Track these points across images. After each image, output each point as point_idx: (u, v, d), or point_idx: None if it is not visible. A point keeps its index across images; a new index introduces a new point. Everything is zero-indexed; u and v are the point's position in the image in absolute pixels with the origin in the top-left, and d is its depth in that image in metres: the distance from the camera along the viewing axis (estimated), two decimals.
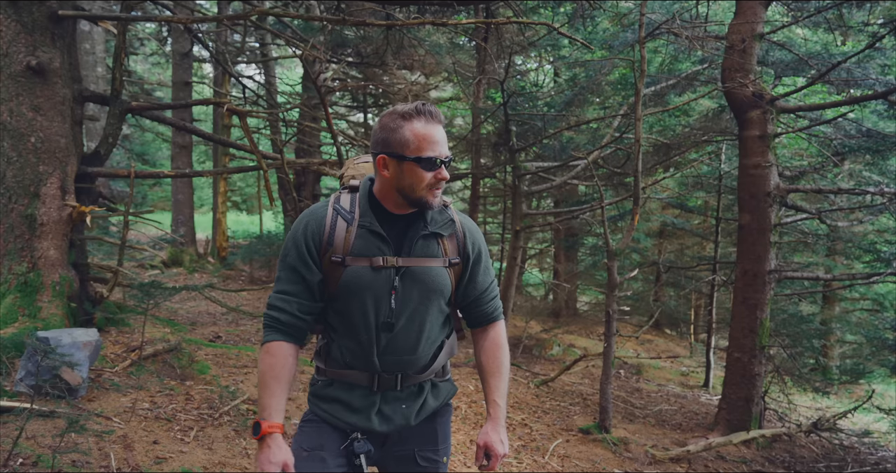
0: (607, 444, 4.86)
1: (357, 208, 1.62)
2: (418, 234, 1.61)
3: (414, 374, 1.67)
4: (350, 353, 1.63)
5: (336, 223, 1.60)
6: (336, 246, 1.58)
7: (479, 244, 1.73)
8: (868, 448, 6.05)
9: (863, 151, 6.14)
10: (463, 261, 1.70)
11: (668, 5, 6.84)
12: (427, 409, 1.72)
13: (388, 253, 1.58)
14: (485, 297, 1.76)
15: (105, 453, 3.00)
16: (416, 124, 1.52)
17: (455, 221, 1.69)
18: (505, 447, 1.71)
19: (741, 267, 5.64)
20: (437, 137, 1.54)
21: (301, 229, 1.61)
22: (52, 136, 4.31)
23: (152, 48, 15.10)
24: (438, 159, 1.53)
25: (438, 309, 1.67)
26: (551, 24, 4.61)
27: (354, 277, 1.57)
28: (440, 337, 1.72)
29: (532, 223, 9.11)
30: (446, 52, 8.44)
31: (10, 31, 4.19)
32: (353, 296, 1.58)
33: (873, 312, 10.14)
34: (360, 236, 1.58)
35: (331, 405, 1.67)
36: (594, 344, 9.63)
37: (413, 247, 1.60)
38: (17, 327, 4.00)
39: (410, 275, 1.59)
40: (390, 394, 1.66)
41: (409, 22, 4.83)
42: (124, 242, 4.68)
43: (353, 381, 1.65)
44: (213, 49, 9.20)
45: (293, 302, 1.60)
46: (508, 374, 1.80)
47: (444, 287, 1.65)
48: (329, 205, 1.64)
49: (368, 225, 1.58)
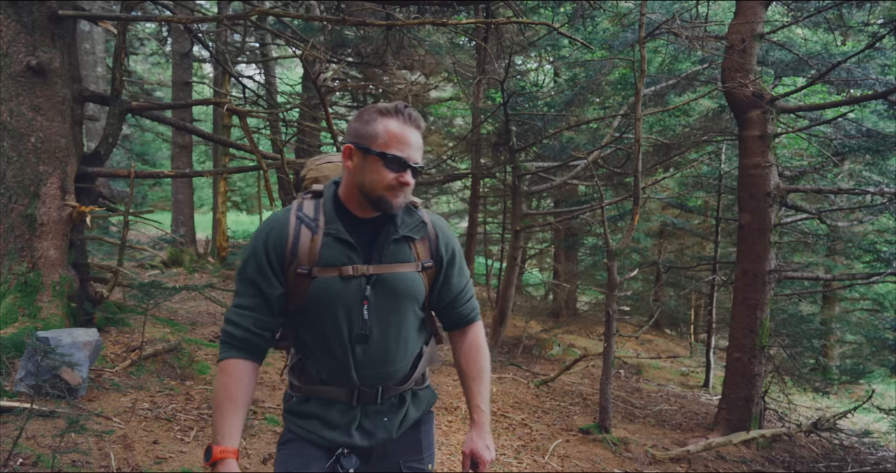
0: (607, 444, 4.87)
1: (322, 215, 1.52)
2: (388, 239, 1.52)
3: (394, 386, 1.59)
4: (326, 369, 1.55)
5: (300, 232, 1.49)
6: (301, 257, 1.48)
7: (453, 245, 1.65)
8: (868, 448, 6.05)
9: (863, 151, 6.14)
10: (436, 264, 1.62)
11: (668, 5, 6.84)
12: (409, 420, 1.65)
13: (357, 261, 1.49)
14: (460, 299, 1.69)
15: (105, 453, 3.00)
16: (391, 121, 1.46)
17: (426, 223, 1.61)
18: (491, 452, 1.66)
19: (741, 267, 5.64)
20: (410, 140, 1.47)
21: (262, 240, 1.50)
22: (52, 136, 4.31)
23: (152, 48, 15.10)
24: (406, 162, 1.45)
25: (414, 316, 1.60)
26: (551, 24, 4.61)
27: (323, 289, 1.48)
28: (418, 345, 1.65)
29: (532, 223, 9.11)
30: (446, 52, 8.44)
31: (10, 31, 4.19)
32: (322, 309, 1.49)
33: (873, 312, 10.14)
34: (326, 245, 1.49)
35: (308, 421, 1.58)
36: (594, 344, 9.63)
37: (384, 253, 1.52)
38: (17, 327, 4.00)
39: (382, 283, 1.51)
40: (371, 408, 1.58)
41: (409, 22, 4.83)
42: (124, 242, 4.68)
43: (330, 397, 1.56)
44: (213, 49, 9.20)
45: (250, 316, 1.51)
46: (489, 377, 1.74)
47: (419, 292, 1.57)
48: (291, 212, 1.53)
49: (335, 232, 1.49)
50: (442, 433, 4.56)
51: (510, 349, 8.52)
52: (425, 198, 13.65)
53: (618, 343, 9.36)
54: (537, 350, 8.65)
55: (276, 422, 3.89)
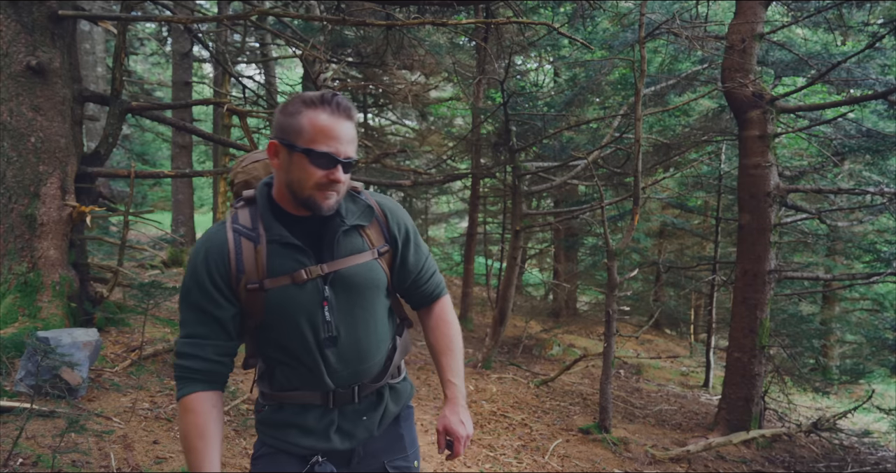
0: (607, 444, 4.87)
1: (260, 222, 1.41)
2: (337, 232, 1.43)
3: (371, 383, 1.52)
4: (297, 377, 1.47)
5: (241, 245, 1.39)
6: (248, 272, 1.38)
7: (405, 222, 1.57)
8: (868, 448, 6.05)
9: (863, 151, 6.15)
10: (392, 246, 1.54)
11: (668, 5, 6.85)
12: (389, 416, 1.58)
13: (309, 262, 1.40)
14: (422, 277, 1.61)
15: (105, 453, 3.00)
16: (317, 113, 1.33)
17: (372, 206, 1.51)
18: (467, 428, 1.56)
19: (741, 267, 5.64)
20: (338, 132, 1.34)
21: (200, 262, 1.39)
22: (52, 136, 4.31)
23: (152, 48, 15.11)
24: (335, 157, 1.33)
25: (381, 306, 1.52)
26: (551, 24, 4.60)
27: (279, 300, 1.38)
28: (390, 336, 1.57)
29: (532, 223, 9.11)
30: (446, 52, 8.45)
31: (10, 31, 4.19)
32: (282, 321, 1.40)
33: (873, 312, 10.14)
34: (272, 253, 1.39)
35: (283, 431, 1.49)
36: (594, 344, 9.63)
37: (335, 248, 1.43)
38: (17, 327, 4.00)
39: (341, 280, 1.42)
40: (348, 408, 1.50)
41: (409, 22, 4.83)
42: (124, 242, 4.68)
43: (305, 402, 1.48)
44: (213, 49, 9.20)
45: (206, 345, 1.40)
46: (462, 350, 1.65)
47: (380, 281, 1.49)
48: (227, 226, 1.42)
49: (279, 238, 1.39)
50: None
51: (510, 349, 8.52)
52: (425, 198, 13.68)
53: (618, 343, 9.36)
54: (537, 350, 8.65)
55: None
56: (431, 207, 15.75)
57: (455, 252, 15.45)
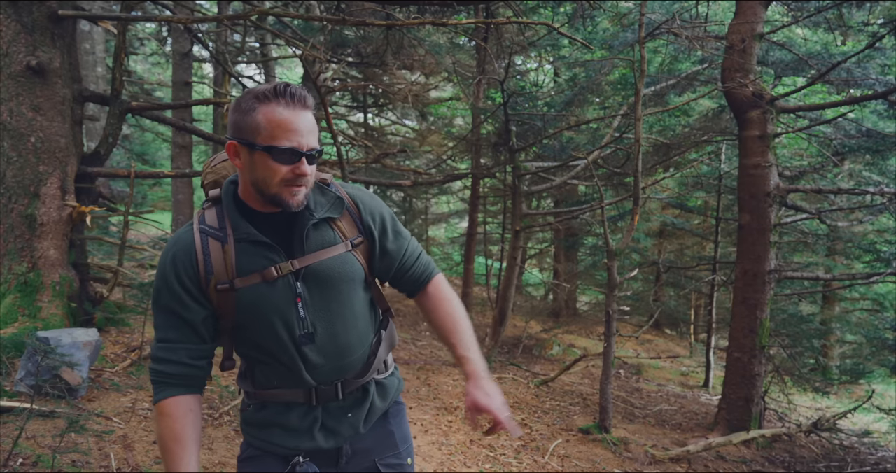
0: (607, 444, 4.87)
1: (227, 221, 1.38)
2: (306, 226, 1.39)
3: (354, 378, 1.48)
4: (277, 375, 1.44)
5: (208, 246, 1.36)
6: (217, 272, 1.35)
7: (379, 211, 1.51)
8: (868, 448, 6.05)
9: (863, 151, 6.15)
10: (367, 237, 1.49)
11: (668, 5, 6.85)
12: (375, 412, 1.54)
13: (279, 259, 1.37)
14: (406, 263, 1.55)
15: (105, 453, 3.00)
16: (272, 108, 1.28)
17: (342, 197, 1.47)
18: (496, 399, 1.43)
19: (741, 267, 5.64)
20: (298, 125, 1.29)
21: (168, 265, 1.37)
22: (52, 136, 4.31)
23: (152, 48, 15.11)
24: (298, 151, 1.29)
25: (359, 299, 1.48)
26: (551, 24, 4.60)
27: (250, 299, 1.36)
28: (372, 329, 1.54)
29: (532, 223, 9.11)
30: (446, 52, 8.44)
31: (10, 31, 4.19)
32: (256, 320, 1.38)
33: (873, 312, 10.14)
34: (241, 251, 1.36)
35: (266, 431, 1.47)
36: (594, 344, 9.64)
37: (305, 243, 1.39)
38: (17, 327, 4.00)
39: (314, 275, 1.39)
40: (332, 405, 1.47)
41: (409, 22, 4.83)
42: (124, 242, 4.68)
43: (288, 400, 1.45)
44: (213, 49, 9.20)
45: (180, 349, 1.38)
46: (469, 324, 1.55)
47: (355, 273, 1.45)
48: (194, 227, 1.39)
49: (246, 236, 1.36)
50: (442, 433, 4.56)
51: (510, 349, 8.52)
52: (425, 198, 13.67)
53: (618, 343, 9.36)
54: (537, 350, 8.65)
55: None
56: (431, 207, 15.74)
57: (455, 252, 15.45)
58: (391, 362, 1.63)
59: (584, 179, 7.90)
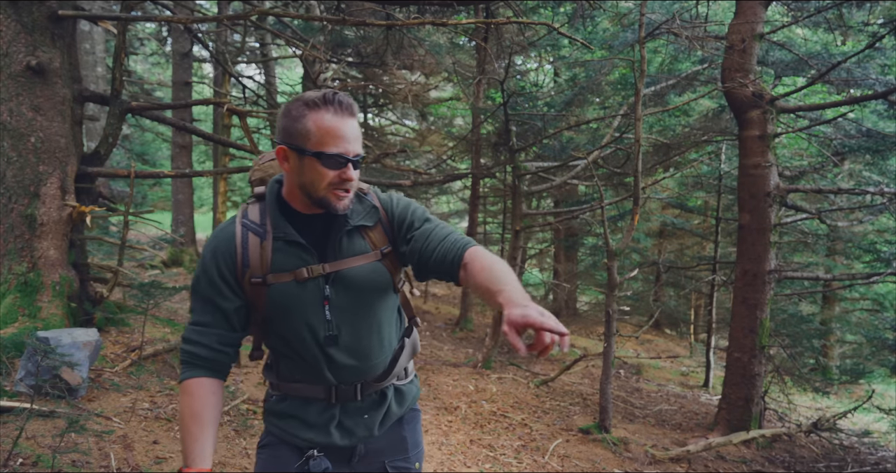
0: (607, 444, 4.87)
1: (268, 218, 1.44)
2: (341, 233, 1.45)
3: (374, 382, 1.53)
4: (299, 370, 1.50)
5: (247, 240, 1.43)
6: (253, 266, 1.42)
7: (409, 211, 1.52)
8: (868, 448, 6.05)
9: (863, 151, 6.15)
10: (399, 240, 1.50)
11: (668, 5, 6.85)
12: (391, 417, 1.59)
13: (312, 261, 1.42)
14: (432, 241, 1.46)
15: (105, 453, 3.00)
16: (320, 114, 1.34)
17: (378, 207, 1.52)
18: (541, 313, 1.17)
19: (741, 267, 5.64)
20: (345, 132, 1.35)
21: (209, 254, 1.44)
22: (52, 136, 4.31)
23: (152, 48, 15.11)
24: (344, 157, 1.35)
25: (385, 307, 1.52)
26: (551, 24, 4.60)
27: (280, 296, 1.42)
28: (396, 337, 1.58)
29: (532, 223, 9.11)
30: (446, 52, 8.45)
31: (10, 31, 4.19)
32: (284, 316, 1.44)
33: (873, 312, 10.14)
34: (277, 249, 1.42)
35: (286, 421, 1.53)
36: (594, 344, 9.64)
37: (338, 249, 1.44)
38: (17, 327, 4.00)
39: (342, 280, 1.44)
40: (350, 405, 1.52)
41: (409, 22, 4.83)
42: (124, 242, 4.68)
43: (308, 395, 1.51)
44: (213, 49, 9.20)
45: (211, 334, 1.44)
46: (512, 276, 1.33)
47: (383, 282, 1.49)
48: (237, 221, 1.46)
49: (284, 235, 1.42)
50: (442, 433, 4.56)
51: (510, 349, 8.52)
52: (425, 198, 13.66)
53: (618, 343, 9.36)
54: None
55: None
56: (431, 207, 15.74)
57: None
58: (412, 369, 1.67)
59: (584, 179, 7.90)
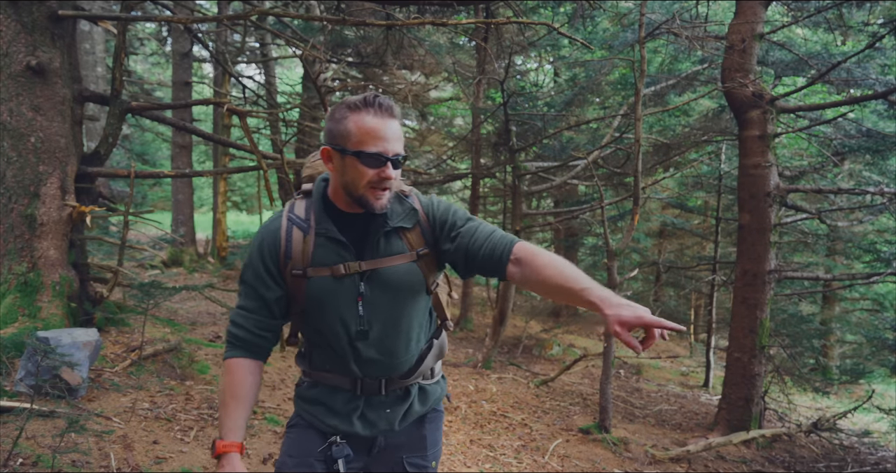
0: (607, 444, 4.86)
1: (312, 214, 1.53)
2: (379, 233, 1.51)
3: (399, 378, 1.60)
4: (329, 361, 1.59)
5: (292, 234, 1.51)
6: (295, 258, 1.50)
7: (449, 213, 1.55)
8: (868, 448, 6.05)
9: (863, 151, 6.15)
10: (433, 242, 1.55)
11: (668, 5, 6.85)
12: (413, 414, 1.65)
13: (349, 258, 1.49)
14: (478, 239, 1.49)
15: (105, 453, 3.00)
16: (362, 116, 1.41)
17: (417, 209, 1.56)
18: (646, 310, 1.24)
19: (741, 267, 5.64)
20: (385, 132, 1.41)
21: (257, 245, 1.54)
22: (52, 136, 4.31)
23: (152, 48, 15.11)
24: (383, 156, 1.41)
25: (417, 307, 1.58)
26: (551, 24, 4.60)
27: (318, 289, 1.50)
28: (425, 337, 1.64)
29: (532, 223, 9.11)
30: (446, 52, 8.45)
31: (10, 31, 4.19)
32: (320, 309, 1.51)
33: (873, 312, 10.14)
34: (319, 245, 1.50)
35: (314, 407, 1.62)
36: (594, 344, 9.64)
37: (376, 248, 1.51)
38: (17, 327, 4.00)
39: (377, 278, 1.50)
40: (374, 399, 1.60)
41: (409, 22, 4.83)
42: (124, 242, 4.68)
43: (336, 384, 1.60)
44: (213, 49, 9.20)
45: (252, 318, 1.54)
46: (576, 268, 1.38)
47: (417, 283, 1.54)
48: (283, 215, 1.55)
49: (326, 232, 1.50)
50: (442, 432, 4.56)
51: (510, 349, 8.52)
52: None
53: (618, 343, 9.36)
54: (537, 350, 8.64)
55: (276, 422, 3.89)
56: None
57: None
58: (439, 370, 1.74)
59: (584, 179, 7.90)
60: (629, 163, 7.33)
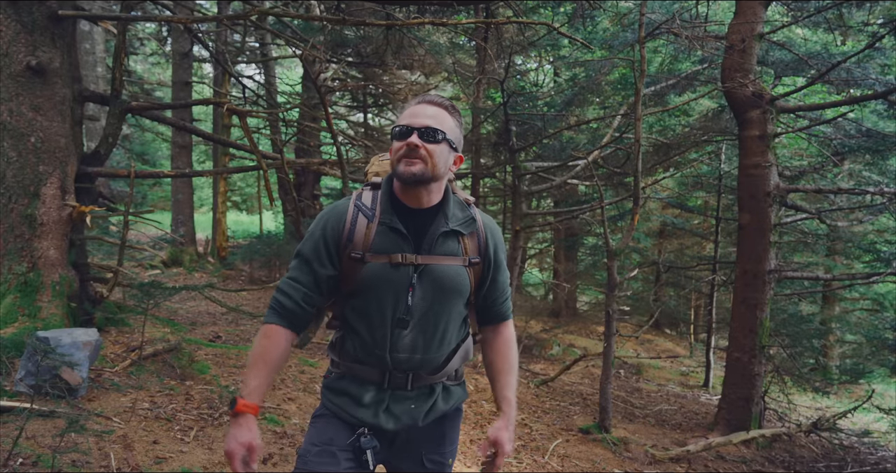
0: (607, 444, 4.86)
1: (378, 205, 1.62)
2: (438, 231, 1.60)
3: (426, 375, 1.66)
4: (363, 349, 1.63)
5: (357, 219, 1.60)
6: (356, 242, 1.58)
7: (500, 245, 1.72)
8: (868, 448, 6.05)
9: (863, 151, 6.15)
10: (484, 262, 1.68)
11: (668, 5, 6.85)
12: (436, 411, 1.70)
13: (407, 250, 1.58)
14: (500, 298, 1.76)
15: (105, 453, 3.00)
16: (409, 104, 1.58)
17: (476, 220, 1.67)
18: (512, 445, 1.71)
19: (741, 267, 5.64)
20: (419, 111, 1.55)
21: (321, 224, 1.63)
22: (52, 136, 4.31)
23: (152, 48, 15.11)
24: (410, 127, 1.52)
25: (456, 311, 1.66)
26: (551, 24, 4.60)
27: (373, 274, 1.57)
28: (456, 339, 1.71)
29: (532, 223, 9.11)
30: (446, 51, 8.45)
31: (10, 31, 4.19)
32: (371, 293, 1.58)
33: (873, 312, 10.14)
34: (380, 233, 1.58)
35: (341, 398, 1.67)
36: (594, 344, 9.63)
37: (433, 245, 1.59)
38: (17, 327, 4.00)
39: (429, 273, 1.58)
40: (400, 393, 1.65)
41: (409, 22, 4.83)
42: (124, 242, 4.68)
43: (364, 377, 1.65)
44: (213, 49, 9.20)
45: (300, 290, 1.61)
46: (517, 370, 1.79)
47: (463, 286, 1.63)
48: (351, 201, 1.64)
49: (389, 222, 1.58)
50: None
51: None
52: None
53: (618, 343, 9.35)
54: (537, 350, 8.64)
55: (276, 422, 3.89)
56: None
57: None
58: (462, 373, 1.81)
59: (584, 179, 7.90)
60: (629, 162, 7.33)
